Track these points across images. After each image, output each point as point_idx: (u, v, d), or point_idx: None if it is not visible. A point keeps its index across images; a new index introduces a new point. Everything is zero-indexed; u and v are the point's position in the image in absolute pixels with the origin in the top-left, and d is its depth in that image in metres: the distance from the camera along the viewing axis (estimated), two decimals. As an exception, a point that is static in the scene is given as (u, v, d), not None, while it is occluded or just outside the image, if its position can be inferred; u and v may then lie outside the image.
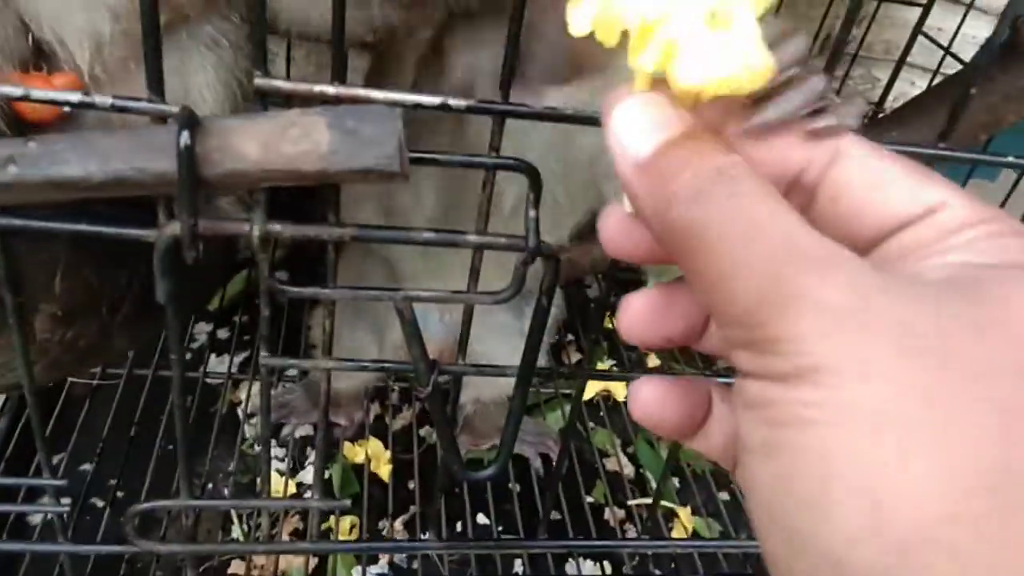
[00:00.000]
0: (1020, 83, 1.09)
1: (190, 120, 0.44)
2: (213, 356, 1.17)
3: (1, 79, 0.63)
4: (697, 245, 0.27)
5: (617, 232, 0.34)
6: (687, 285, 0.34)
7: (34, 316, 0.52)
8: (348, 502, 0.65)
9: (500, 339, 0.98)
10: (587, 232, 1.23)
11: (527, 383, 0.60)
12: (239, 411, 1.11)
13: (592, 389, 1.19)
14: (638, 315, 0.35)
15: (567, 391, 1.16)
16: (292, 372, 1.17)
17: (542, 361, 0.78)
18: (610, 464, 1.14)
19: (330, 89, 0.47)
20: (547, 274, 0.54)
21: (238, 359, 1.18)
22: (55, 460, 0.97)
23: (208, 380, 1.11)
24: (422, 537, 0.99)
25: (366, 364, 0.60)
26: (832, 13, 1.67)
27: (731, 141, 0.31)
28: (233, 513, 1.00)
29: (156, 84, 0.45)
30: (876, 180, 0.30)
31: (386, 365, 0.60)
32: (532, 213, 0.52)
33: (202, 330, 1.23)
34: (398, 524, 1.01)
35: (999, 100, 1.11)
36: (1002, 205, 1.39)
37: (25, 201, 0.47)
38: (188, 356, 1.17)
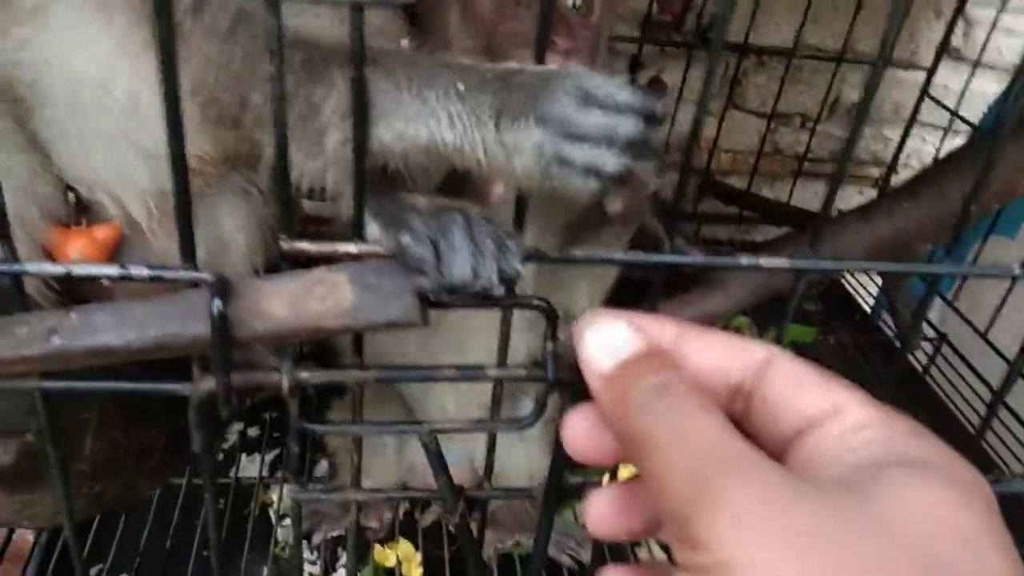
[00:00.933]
0: (1029, 153, 1.10)
1: (222, 286, 0.46)
2: (244, 456, 1.19)
3: (43, 238, 0.67)
4: (643, 449, 0.32)
5: (582, 438, 0.40)
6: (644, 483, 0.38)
7: (65, 475, 0.54)
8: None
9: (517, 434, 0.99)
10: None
11: (553, 504, 0.61)
12: (271, 512, 1.12)
13: (624, 473, 1.18)
14: (604, 512, 0.40)
15: (596, 478, 1.16)
16: (319, 472, 1.18)
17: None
18: (642, 553, 1.13)
19: (352, 248, 0.49)
20: (565, 402, 0.56)
21: (269, 457, 1.20)
22: (93, 572, 0.99)
23: (241, 483, 1.12)
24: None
25: (393, 494, 0.61)
26: (838, 77, 1.70)
27: (679, 356, 0.37)
28: (268, 618, 1.00)
29: (188, 252, 0.48)
30: (794, 384, 0.35)
31: (413, 494, 0.61)
32: (550, 346, 0.54)
33: (233, 429, 1.25)
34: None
35: (1012, 170, 1.12)
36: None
37: (66, 367, 0.49)
38: (219, 457, 1.19)
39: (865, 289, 1.77)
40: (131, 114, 0.67)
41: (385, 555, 1.01)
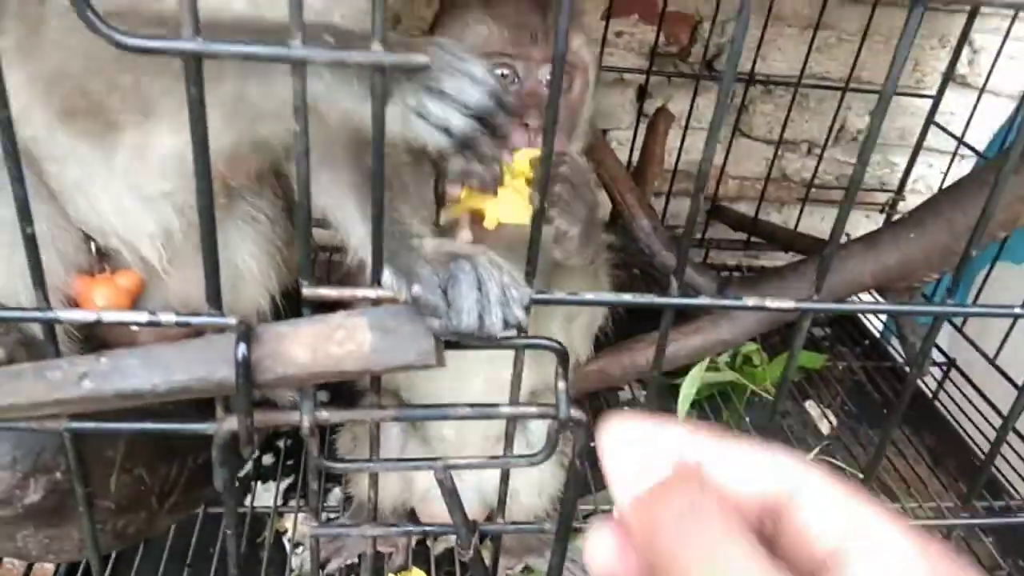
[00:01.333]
0: (1033, 183, 1.11)
1: (247, 332, 0.48)
2: (259, 484, 1.21)
3: (68, 287, 0.69)
4: (673, 569, 0.32)
5: (606, 555, 0.39)
6: None
7: (90, 510, 0.56)
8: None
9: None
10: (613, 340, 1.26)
11: (566, 539, 0.62)
12: (285, 540, 1.14)
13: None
14: (602, 551, 0.39)
15: (606, 507, 1.17)
16: (334, 502, 1.19)
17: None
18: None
19: (371, 293, 0.51)
20: (577, 439, 0.57)
21: (283, 485, 1.21)
22: (111, 601, 1.00)
23: (255, 509, 1.14)
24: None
25: (410, 528, 0.63)
26: (844, 104, 1.72)
27: (708, 469, 0.37)
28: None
29: (215, 299, 0.50)
30: (826, 508, 0.35)
31: (428, 528, 0.63)
32: (561, 385, 0.55)
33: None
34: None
35: (1014, 200, 1.13)
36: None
37: (96, 409, 0.51)
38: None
39: (875, 314, 1.78)
40: (132, 163, 0.69)
41: (404, 576, 1.03)
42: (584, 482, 1.19)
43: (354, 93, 0.55)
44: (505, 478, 0.63)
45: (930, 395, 1.56)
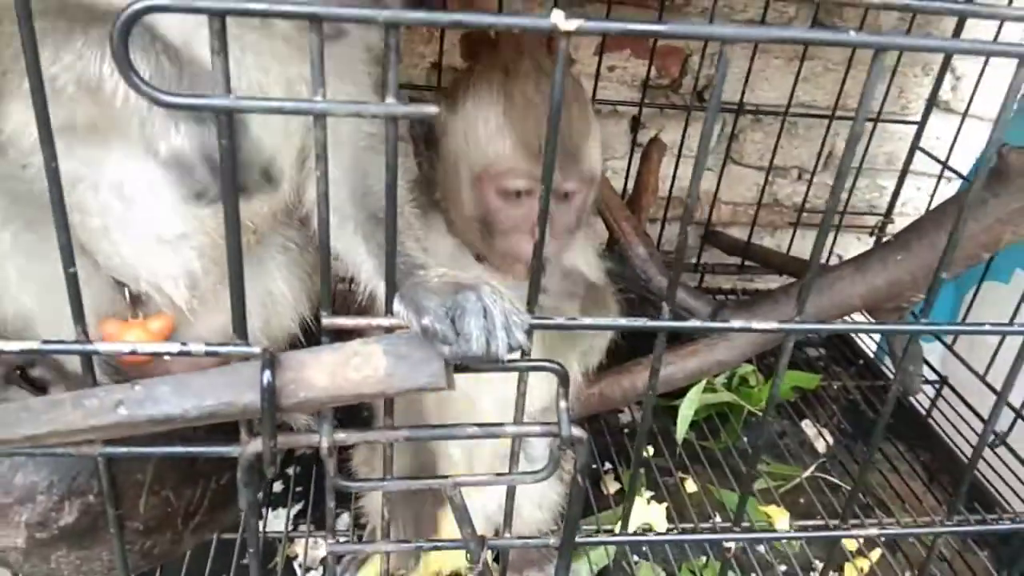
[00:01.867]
0: (1011, 206, 1.16)
1: (271, 360, 0.52)
2: (270, 511, 1.24)
3: (101, 331, 0.73)
4: None
5: None
6: None
7: (121, 531, 0.59)
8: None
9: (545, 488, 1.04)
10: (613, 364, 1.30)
11: (569, 553, 0.65)
12: (296, 565, 1.16)
13: (633, 523, 1.22)
14: None
15: (608, 527, 1.20)
16: (342, 526, 1.22)
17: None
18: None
19: (384, 322, 0.55)
20: (579, 456, 0.61)
21: (294, 511, 1.24)
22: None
23: (266, 535, 1.17)
24: None
25: (422, 544, 0.66)
26: (831, 131, 1.78)
27: None
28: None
29: (241, 329, 0.54)
30: None
31: (440, 544, 0.66)
32: (563, 404, 0.59)
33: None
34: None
35: (994, 223, 1.17)
36: (1017, 308, 1.44)
37: (129, 435, 0.55)
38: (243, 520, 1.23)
39: (868, 334, 1.82)
40: (150, 209, 0.73)
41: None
42: (586, 500, 1.23)
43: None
44: (511, 494, 0.66)
45: (924, 412, 1.59)
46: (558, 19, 0.44)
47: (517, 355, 0.55)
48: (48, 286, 0.73)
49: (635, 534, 1.22)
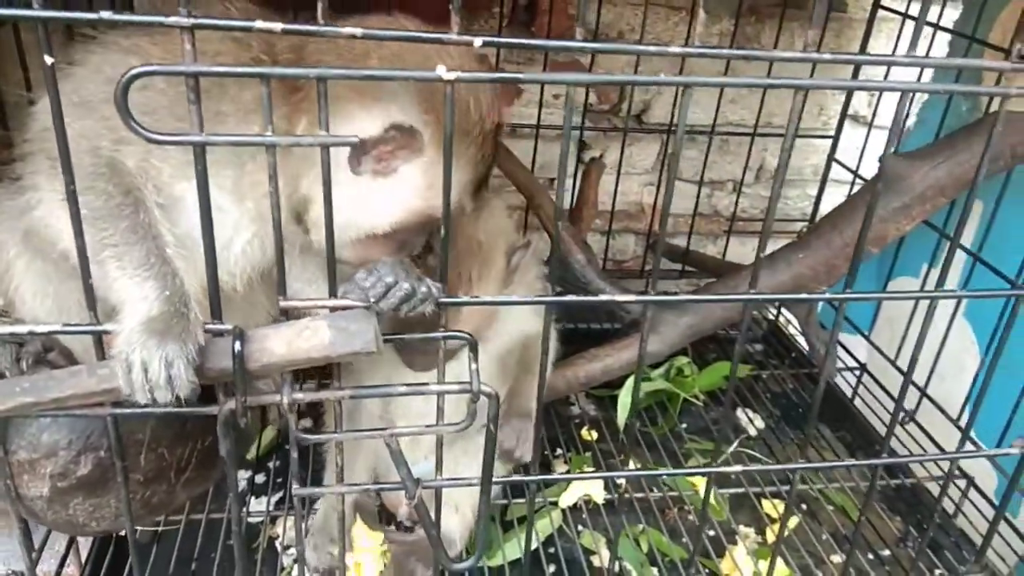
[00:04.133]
0: (892, 206, 1.34)
1: (240, 334, 0.68)
2: (253, 498, 1.38)
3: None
4: None
5: None
6: None
7: (126, 481, 0.74)
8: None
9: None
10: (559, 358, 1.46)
11: (488, 488, 0.81)
12: (277, 544, 1.31)
13: (575, 495, 1.37)
14: None
15: (554, 499, 1.36)
16: (319, 504, 1.36)
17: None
18: (595, 560, 1.31)
19: (329, 303, 0.71)
20: (490, 408, 0.77)
21: (274, 498, 1.38)
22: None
23: (251, 520, 1.31)
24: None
25: (369, 487, 0.82)
26: (761, 146, 1.96)
27: None
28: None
29: (217, 311, 0.70)
30: None
31: (384, 486, 0.81)
32: (473, 366, 0.75)
33: (242, 476, 1.44)
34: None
35: (879, 222, 1.35)
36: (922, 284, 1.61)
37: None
38: (229, 502, 1.37)
39: (800, 332, 1.99)
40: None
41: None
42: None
43: None
44: (440, 443, 0.82)
45: (847, 398, 1.76)
46: (441, 71, 0.61)
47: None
48: (56, 299, 0.89)
49: (576, 505, 1.38)
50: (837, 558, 1.35)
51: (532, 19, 1.80)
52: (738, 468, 0.94)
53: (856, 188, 1.86)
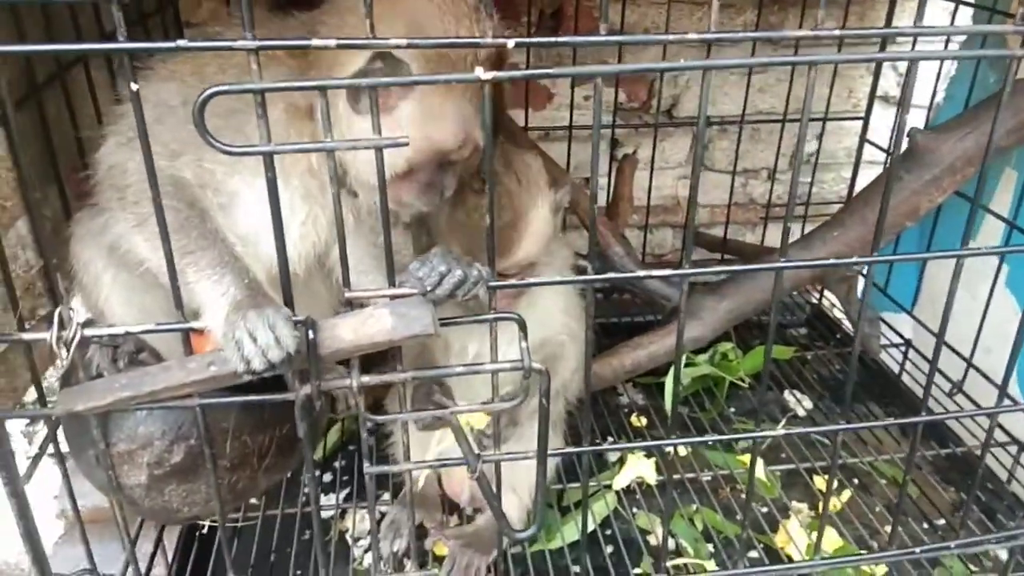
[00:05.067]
0: (923, 179, 1.37)
1: (312, 324, 0.75)
2: (322, 496, 1.46)
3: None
4: None
5: None
6: None
7: (215, 467, 0.82)
8: (437, 570, 0.91)
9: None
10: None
11: (544, 461, 0.87)
12: (348, 537, 1.38)
13: (627, 477, 1.41)
14: None
15: (607, 483, 1.41)
16: (386, 498, 1.43)
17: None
18: (652, 540, 1.35)
19: (389, 292, 0.78)
20: (542, 383, 0.83)
21: (342, 494, 1.46)
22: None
23: (322, 515, 1.39)
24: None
25: (434, 463, 0.88)
26: (792, 134, 1.99)
27: None
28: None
29: (289, 302, 0.77)
30: None
31: (447, 462, 0.87)
32: (524, 344, 0.81)
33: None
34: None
35: (910, 195, 1.38)
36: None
37: (218, 387, 0.78)
38: (303, 498, 1.45)
39: (847, 315, 2.00)
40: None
41: (441, 547, 1.27)
42: (590, 464, 1.43)
43: None
44: (497, 420, 0.88)
45: (896, 373, 1.77)
46: (479, 72, 0.68)
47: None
48: (140, 307, 0.98)
49: (630, 487, 1.42)
50: (890, 528, 1.37)
51: (558, 25, 1.86)
52: (780, 431, 0.98)
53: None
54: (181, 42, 0.65)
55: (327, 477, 1.52)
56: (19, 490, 0.82)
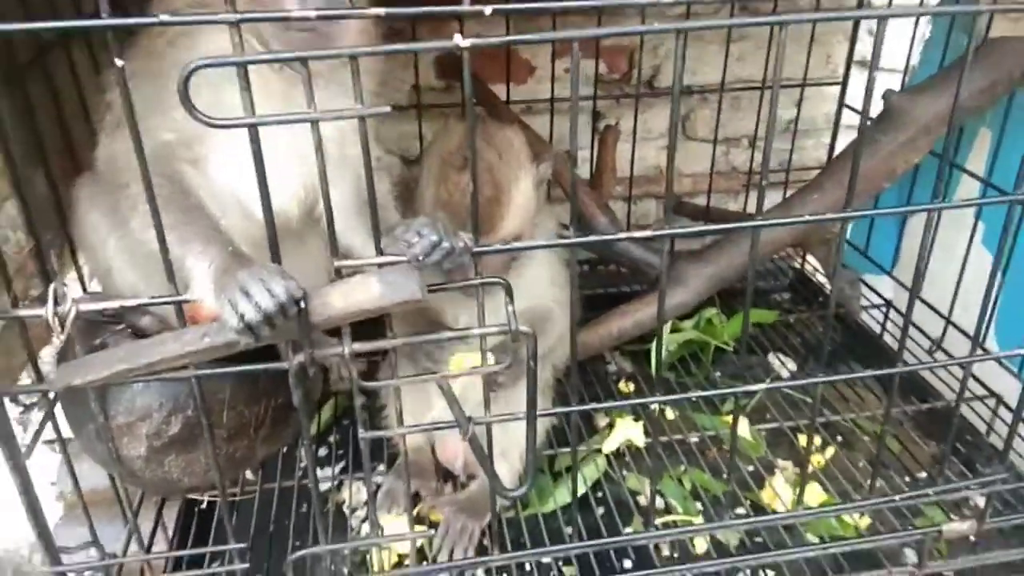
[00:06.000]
0: (898, 140, 1.39)
1: (303, 292, 0.77)
2: (318, 469, 1.48)
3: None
4: None
5: None
6: None
7: (212, 437, 0.84)
8: (433, 531, 0.93)
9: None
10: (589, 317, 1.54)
11: (533, 422, 0.89)
12: (345, 509, 1.40)
13: (616, 440, 1.44)
14: None
15: (597, 447, 1.44)
16: (381, 469, 1.46)
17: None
18: (642, 500, 1.39)
19: (377, 260, 0.80)
20: (528, 346, 0.85)
21: (337, 468, 1.48)
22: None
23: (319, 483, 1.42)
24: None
25: (427, 427, 0.91)
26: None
27: None
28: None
29: (277, 259, 0.78)
30: None
31: (439, 426, 0.90)
32: (510, 308, 0.83)
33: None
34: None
35: (887, 156, 1.40)
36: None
37: (211, 358, 0.80)
38: (299, 473, 1.48)
39: (828, 279, 2.04)
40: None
41: (434, 514, 1.30)
42: (579, 429, 1.46)
43: None
44: (487, 385, 0.90)
45: (878, 332, 1.81)
46: (458, 39, 0.69)
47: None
48: (143, 270, 1.00)
49: (619, 451, 1.45)
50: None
51: (538, -2, 1.87)
52: (762, 386, 1.01)
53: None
54: (164, 16, 0.66)
55: (322, 451, 1.55)
56: (21, 464, 0.84)
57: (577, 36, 0.73)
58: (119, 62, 0.68)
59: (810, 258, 2.00)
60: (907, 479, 1.45)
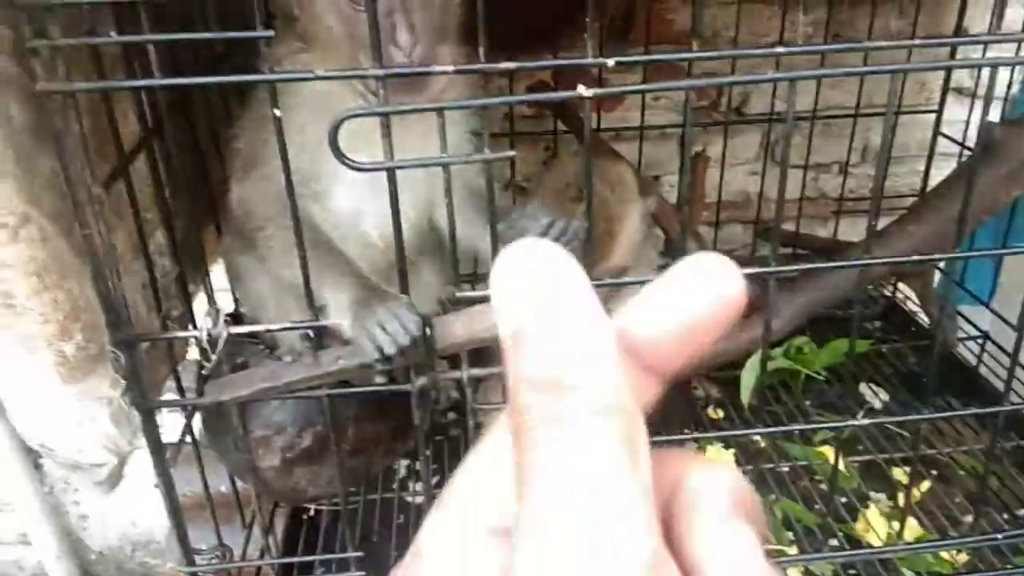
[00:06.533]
0: (1000, 173, 1.38)
1: (428, 320, 0.83)
2: (412, 484, 1.55)
3: None
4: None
5: None
6: None
7: (340, 451, 0.91)
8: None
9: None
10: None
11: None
12: (439, 522, 1.46)
13: (707, 468, 1.45)
14: None
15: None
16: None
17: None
18: (733, 527, 1.39)
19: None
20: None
21: (433, 482, 1.54)
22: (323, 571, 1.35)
23: (413, 501, 1.48)
24: None
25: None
26: (865, 126, 2.00)
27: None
28: None
29: (405, 290, 0.85)
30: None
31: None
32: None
33: (402, 464, 1.61)
34: None
35: (987, 190, 1.39)
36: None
37: (342, 379, 0.87)
38: (395, 484, 1.54)
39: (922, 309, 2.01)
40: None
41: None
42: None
43: None
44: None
45: (974, 365, 1.77)
46: (581, 90, 0.74)
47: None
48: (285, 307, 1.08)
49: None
50: (971, 518, 1.39)
51: (629, 28, 1.91)
52: (863, 421, 1.02)
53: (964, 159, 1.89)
54: (319, 71, 0.73)
55: (419, 466, 1.61)
56: (166, 471, 0.92)
57: (692, 85, 0.77)
58: (277, 112, 0.75)
59: (901, 286, 1.98)
60: (1006, 516, 1.42)
